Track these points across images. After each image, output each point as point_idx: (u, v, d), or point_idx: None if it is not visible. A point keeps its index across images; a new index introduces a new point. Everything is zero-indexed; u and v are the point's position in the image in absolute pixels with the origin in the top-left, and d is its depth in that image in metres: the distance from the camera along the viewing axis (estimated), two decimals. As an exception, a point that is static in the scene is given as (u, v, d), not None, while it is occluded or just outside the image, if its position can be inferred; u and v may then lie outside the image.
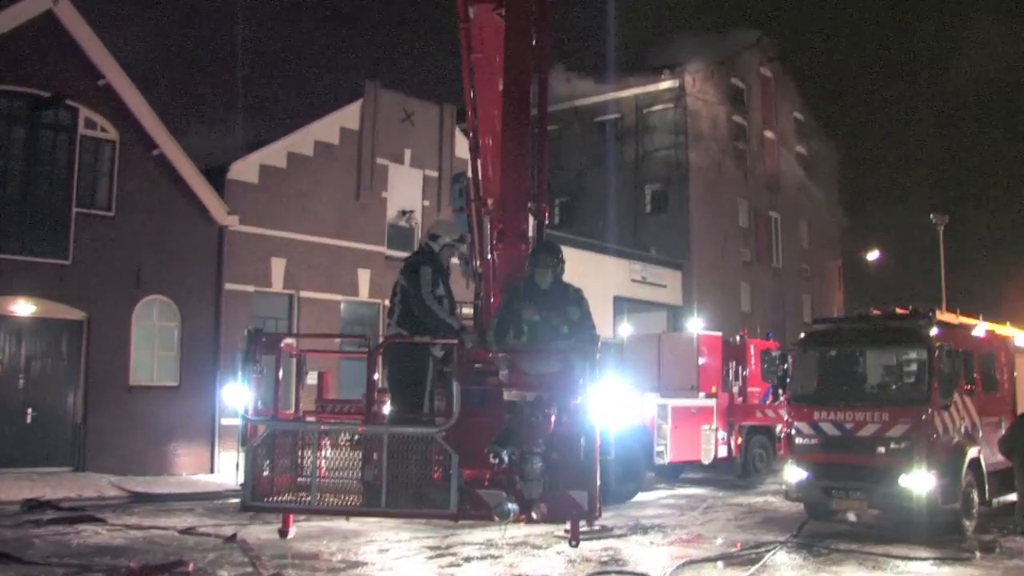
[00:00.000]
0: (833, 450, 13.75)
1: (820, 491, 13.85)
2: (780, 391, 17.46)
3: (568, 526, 7.90)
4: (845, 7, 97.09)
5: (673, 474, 21.19)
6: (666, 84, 40.16)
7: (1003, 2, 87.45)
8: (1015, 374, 15.97)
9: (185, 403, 20.69)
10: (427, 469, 7.17)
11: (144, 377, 20.36)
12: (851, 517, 14.56)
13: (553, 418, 7.47)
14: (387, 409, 8.32)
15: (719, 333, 23.06)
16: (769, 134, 45.36)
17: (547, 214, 10.62)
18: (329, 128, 24.58)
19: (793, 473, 14.14)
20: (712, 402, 20.45)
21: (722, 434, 20.50)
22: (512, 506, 6.92)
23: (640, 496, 18.00)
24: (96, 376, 19.46)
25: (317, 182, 23.87)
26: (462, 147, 25.61)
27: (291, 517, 8.18)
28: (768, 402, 21.26)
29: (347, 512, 7.76)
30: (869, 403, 13.82)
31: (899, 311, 14.85)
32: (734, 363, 21.84)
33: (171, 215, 20.70)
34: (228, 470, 18.26)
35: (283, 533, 8.29)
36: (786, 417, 15.12)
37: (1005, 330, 16.56)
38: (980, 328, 15.34)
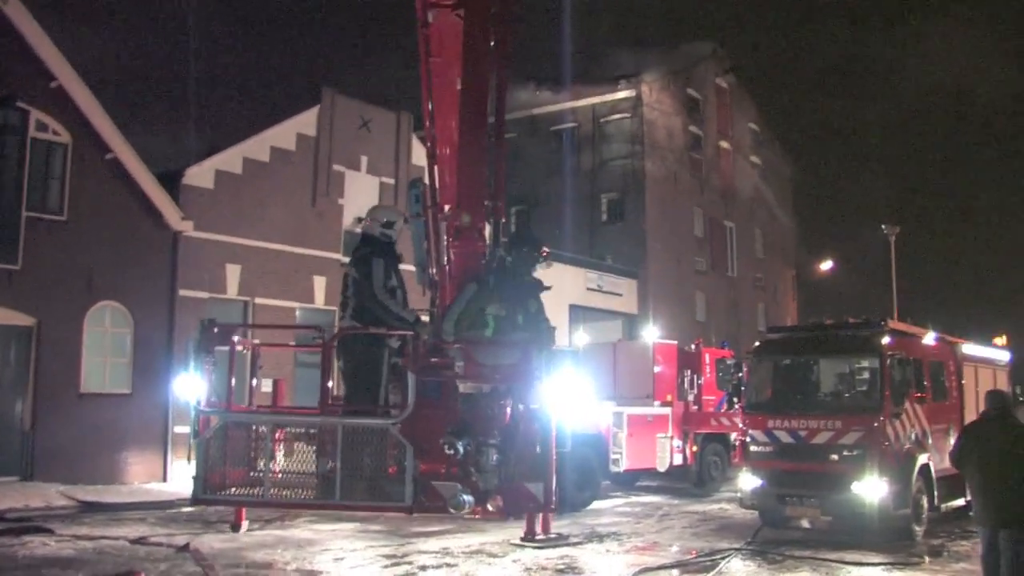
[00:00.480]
0: (787, 458, 13.91)
1: (775, 498, 13.99)
2: (735, 399, 17.65)
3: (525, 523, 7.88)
4: (799, 21, 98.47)
5: (629, 482, 21.27)
6: (623, 94, 40.42)
7: (952, 17, 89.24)
8: (963, 382, 16.26)
9: (137, 410, 20.40)
10: (382, 462, 7.07)
11: (95, 384, 20.04)
12: (805, 524, 14.71)
13: (509, 410, 7.45)
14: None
15: (674, 342, 23.21)
16: (724, 144, 45.83)
17: (503, 214, 10.67)
18: (286, 134, 24.43)
19: (748, 481, 14.27)
20: (667, 410, 20.57)
21: (677, 442, 20.62)
22: (467, 497, 6.89)
23: (596, 504, 18.04)
24: (46, 383, 19.11)
25: (273, 188, 23.70)
26: (419, 155, 25.58)
27: (243, 511, 8.02)
28: (723, 410, 21.45)
29: (301, 505, 7.62)
30: (822, 411, 14.01)
31: (852, 320, 15.07)
32: (689, 371, 21.96)
33: (125, 220, 20.43)
34: (181, 478, 18.02)
35: (235, 527, 8.15)
36: (741, 425, 15.28)
37: (953, 339, 16.86)
38: (930, 337, 15.61)
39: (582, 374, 21.00)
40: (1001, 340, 18.78)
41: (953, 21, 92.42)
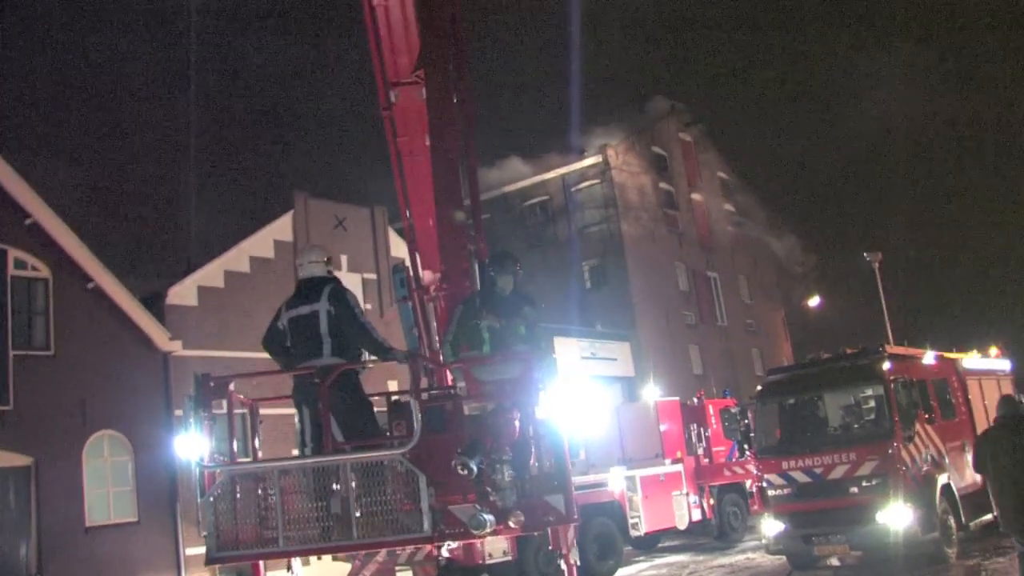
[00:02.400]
0: (807, 497, 13.74)
1: (800, 540, 13.78)
2: (745, 446, 17.47)
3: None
4: (746, 65, 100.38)
5: (650, 544, 20.95)
6: (590, 160, 40.90)
7: (906, 43, 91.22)
8: (969, 397, 16.19)
9: (146, 538, 20.06)
10: (396, 494, 6.90)
11: (101, 516, 19.72)
12: (834, 562, 14.49)
13: (517, 423, 7.35)
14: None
15: (676, 398, 23.07)
16: (696, 196, 46.27)
17: (484, 253, 10.85)
18: (263, 242, 24.53)
19: (771, 526, 14.07)
20: (679, 467, 20.35)
21: (693, 497, 20.37)
22: (488, 517, 6.74)
23: (621, 572, 17.73)
24: (49, 521, 18.77)
25: (257, 298, 23.63)
26: (397, 246, 25.72)
27: (260, 567, 7.81)
28: (734, 459, 21.24)
29: (320, 551, 7.34)
30: (835, 445, 13.88)
31: (849, 351, 15.05)
32: (695, 425, 21.82)
33: (112, 347, 20.34)
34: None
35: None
36: (755, 471, 15.11)
37: (953, 355, 16.84)
38: (929, 356, 15.58)
39: (587, 442, 20.87)
40: (994, 351, 18.74)
41: (900, 52, 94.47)
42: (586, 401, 26.91)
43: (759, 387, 16.29)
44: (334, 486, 6.92)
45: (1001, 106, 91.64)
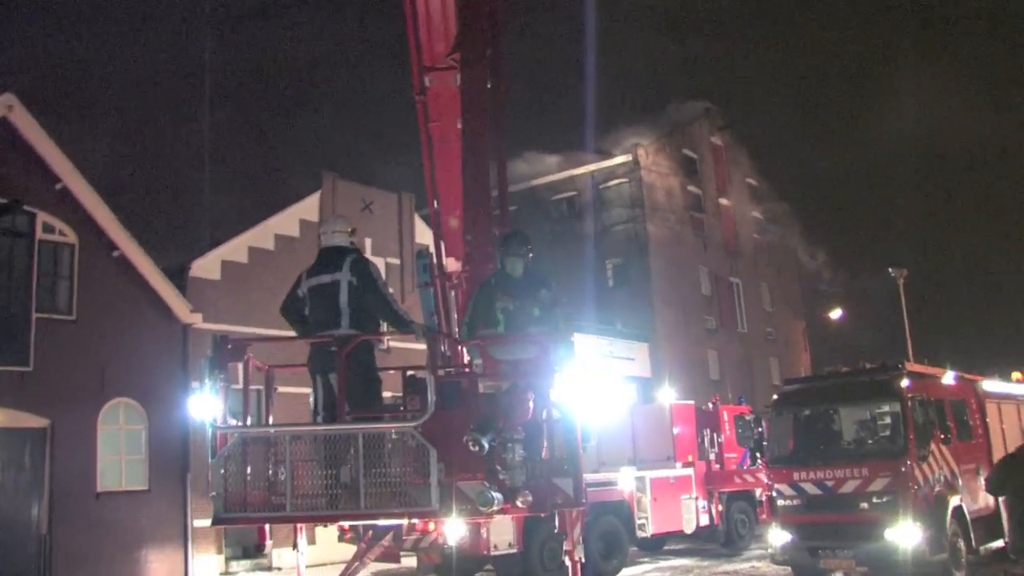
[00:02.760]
0: (816, 510, 13.68)
1: (807, 552, 13.73)
2: (757, 455, 17.42)
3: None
4: (787, 74, 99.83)
5: (656, 546, 20.92)
6: (620, 159, 40.78)
7: (939, 64, 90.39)
8: (987, 420, 16.05)
9: (156, 507, 20.17)
10: (405, 467, 6.88)
11: (112, 483, 19.85)
12: (839, 576, 14.41)
13: (531, 404, 7.31)
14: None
15: (691, 402, 23.02)
16: (724, 201, 46.07)
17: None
18: (289, 221, 24.58)
19: (778, 536, 14.02)
20: (690, 471, 20.30)
21: (702, 502, 20.31)
22: (495, 495, 6.74)
23: (625, 572, 17.73)
24: (61, 485, 18.92)
25: (280, 276, 23.53)
26: (422, 233, 25.76)
27: (265, 530, 7.82)
28: (746, 466, 21.17)
29: (326, 518, 7.32)
30: (848, 460, 13.81)
31: (868, 366, 14.95)
32: (708, 430, 21.75)
33: (134, 316, 20.45)
34: (204, 574, 17.75)
35: (259, 547, 7.91)
36: (766, 480, 15.06)
37: (973, 376, 16.69)
38: (949, 376, 15.45)
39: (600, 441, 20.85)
40: (1016, 376, 18.57)
41: (926, 70, 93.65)
42: (601, 397, 26.87)
43: (775, 396, 16.23)
44: (345, 456, 6.92)
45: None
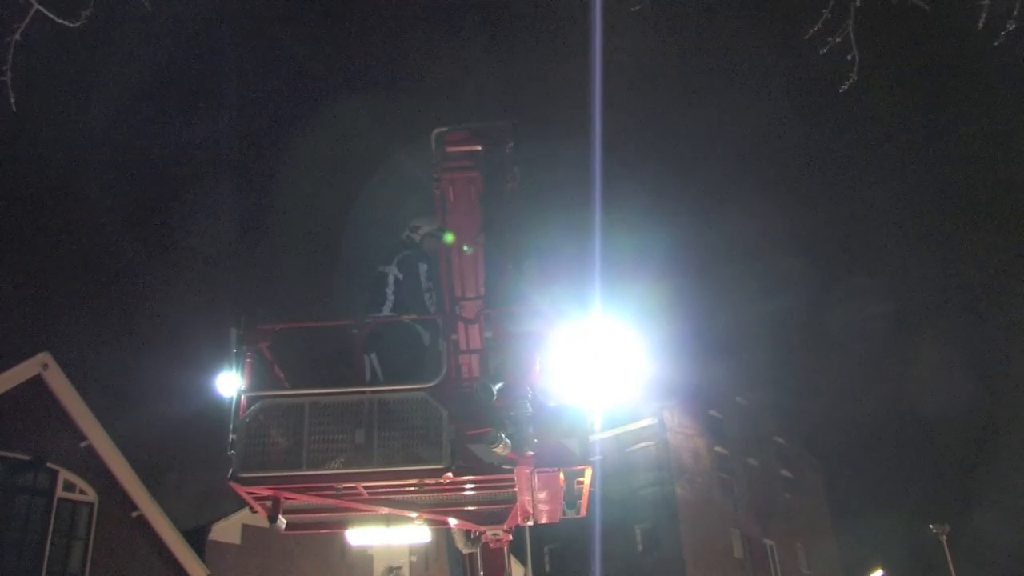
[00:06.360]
0: None
1: None
2: None
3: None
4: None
5: None
6: (646, 422, 40.56)
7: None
8: None
9: None
10: (417, 429, 7.23)
11: None
12: None
13: (538, 366, 7.52)
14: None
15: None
16: (752, 461, 45.29)
17: None
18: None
19: None
20: None
21: None
22: (503, 436, 6.87)
23: None
24: None
25: (302, 543, 23.02)
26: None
27: (280, 505, 7.71)
28: None
29: (338, 477, 7.35)
30: None
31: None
32: None
33: (148, 579, 19.71)
34: None
35: (272, 519, 7.61)
36: None
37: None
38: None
39: None
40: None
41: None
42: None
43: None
44: (359, 419, 7.29)
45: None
